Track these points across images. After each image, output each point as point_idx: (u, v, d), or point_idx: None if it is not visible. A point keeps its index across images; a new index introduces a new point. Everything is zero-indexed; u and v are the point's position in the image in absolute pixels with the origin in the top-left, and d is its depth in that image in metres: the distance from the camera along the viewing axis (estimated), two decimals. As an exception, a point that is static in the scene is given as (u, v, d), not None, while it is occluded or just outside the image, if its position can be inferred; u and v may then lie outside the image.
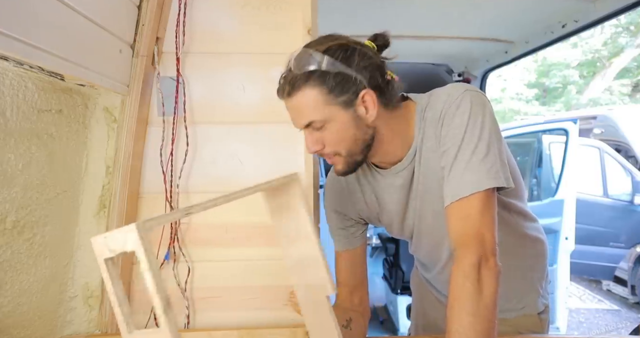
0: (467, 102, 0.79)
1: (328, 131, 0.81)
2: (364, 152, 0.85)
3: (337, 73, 0.76)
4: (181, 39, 1.13)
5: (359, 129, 0.81)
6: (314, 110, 0.79)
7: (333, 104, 0.78)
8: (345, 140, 0.82)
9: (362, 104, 0.80)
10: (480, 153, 0.76)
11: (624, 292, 4.15)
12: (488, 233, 0.74)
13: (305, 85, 0.77)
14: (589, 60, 10.18)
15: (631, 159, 4.48)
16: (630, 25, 8.93)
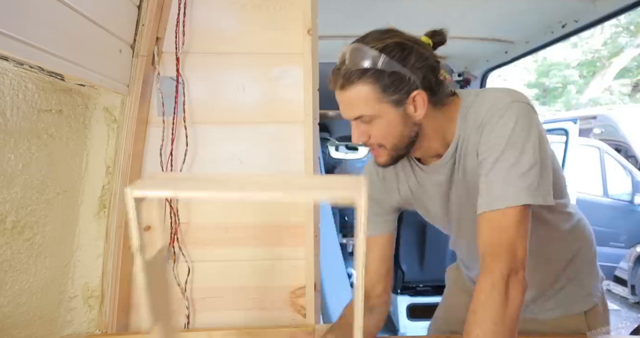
0: (513, 114, 0.78)
1: (376, 126, 0.83)
2: (407, 148, 0.87)
3: (392, 72, 0.77)
4: (181, 39, 1.13)
5: (405, 126, 0.83)
6: (365, 105, 0.80)
7: (384, 101, 0.79)
8: (391, 135, 0.84)
9: (412, 103, 0.81)
10: (521, 167, 0.75)
11: (624, 292, 4.15)
12: (520, 247, 0.74)
13: (359, 81, 0.78)
14: (589, 60, 10.18)
15: (631, 159, 4.48)
16: (630, 25, 8.93)
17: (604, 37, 9.52)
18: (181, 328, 1.14)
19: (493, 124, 0.79)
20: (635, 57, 9.30)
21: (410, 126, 0.84)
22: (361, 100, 0.80)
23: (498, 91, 0.84)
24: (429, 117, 0.84)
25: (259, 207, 1.17)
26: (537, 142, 0.77)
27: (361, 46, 0.78)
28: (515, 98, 0.80)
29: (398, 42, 0.78)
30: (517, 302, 0.72)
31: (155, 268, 0.68)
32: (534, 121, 0.79)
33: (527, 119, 0.78)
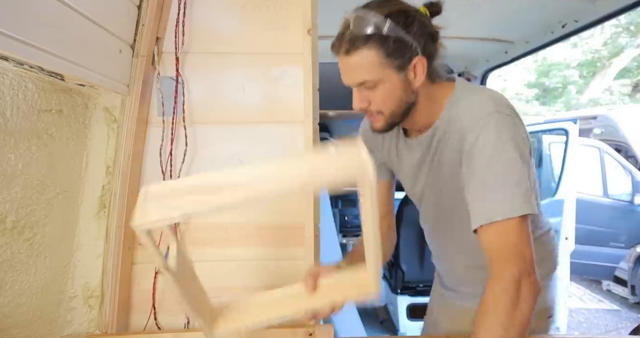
0: (493, 126, 0.79)
1: (378, 91, 0.85)
2: (403, 115, 0.90)
3: (396, 38, 0.80)
4: (181, 39, 1.13)
5: (405, 92, 0.86)
6: (370, 70, 0.82)
7: (388, 66, 0.82)
8: (391, 101, 0.86)
9: (413, 70, 0.84)
10: (512, 178, 0.76)
11: (624, 292, 4.15)
12: (527, 251, 0.74)
13: (364, 47, 0.80)
14: (589, 60, 10.18)
15: (631, 159, 4.48)
16: (630, 25, 8.93)
17: (604, 37, 9.52)
18: (181, 328, 1.14)
19: (477, 134, 0.80)
20: (636, 58, 9.30)
21: (409, 93, 0.87)
22: (365, 65, 0.82)
23: (482, 100, 0.85)
24: (424, 88, 0.88)
25: (259, 207, 1.17)
26: (519, 153, 0.78)
27: (366, 12, 0.80)
28: (497, 109, 0.81)
29: (401, 9, 0.81)
30: (529, 306, 0.71)
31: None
32: (516, 132, 0.80)
33: (508, 129, 0.79)
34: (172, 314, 1.14)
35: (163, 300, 1.14)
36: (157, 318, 1.13)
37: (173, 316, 1.14)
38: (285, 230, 1.16)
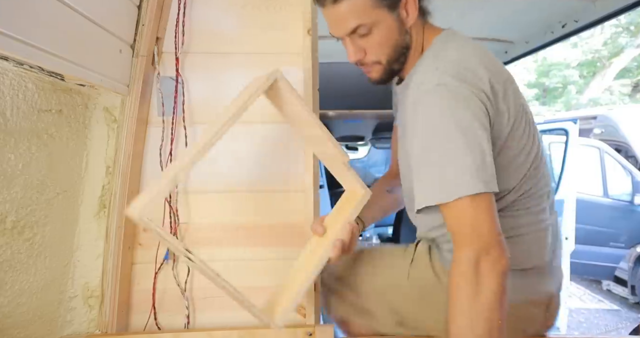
0: (432, 100, 0.75)
1: (373, 36, 0.83)
2: (400, 60, 0.87)
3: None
4: (181, 39, 1.13)
5: (400, 33, 0.84)
6: (362, 13, 0.80)
7: (380, 6, 0.80)
8: (388, 45, 0.84)
9: (405, 7, 0.82)
10: (453, 158, 0.72)
11: (624, 292, 4.15)
12: (485, 226, 0.70)
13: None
14: (589, 60, 10.18)
15: (631, 159, 4.48)
16: (630, 25, 8.93)
17: (604, 37, 9.52)
18: (181, 328, 1.14)
19: (416, 107, 0.78)
20: (636, 57, 9.30)
21: (403, 33, 0.85)
22: (357, 9, 0.79)
23: (443, 61, 0.81)
24: (416, 27, 0.87)
25: (259, 207, 1.17)
26: (465, 128, 0.73)
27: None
28: (440, 81, 0.76)
29: None
30: (492, 286, 0.66)
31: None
32: (463, 106, 0.74)
33: (452, 104, 0.74)
34: (172, 314, 1.14)
35: (163, 300, 1.14)
36: (157, 318, 1.13)
37: (173, 316, 1.14)
38: (285, 229, 1.16)
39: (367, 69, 0.89)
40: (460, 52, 0.83)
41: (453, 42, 0.86)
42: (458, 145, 0.72)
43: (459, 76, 0.77)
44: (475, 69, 0.79)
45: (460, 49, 0.84)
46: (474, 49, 0.84)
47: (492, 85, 0.78)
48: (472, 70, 0.78)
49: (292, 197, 1.15)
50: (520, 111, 0.84)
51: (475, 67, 0.79)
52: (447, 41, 0.86)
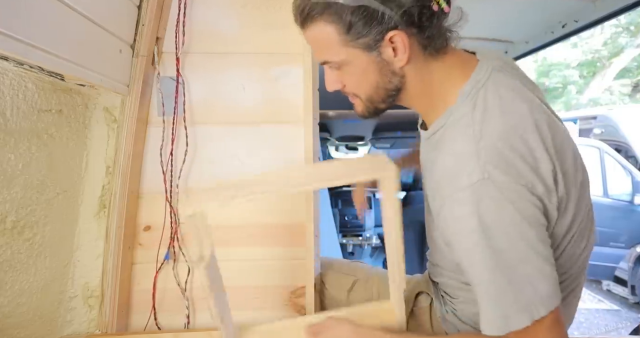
0: (470, 206, 0.60)
1: (346, 74, 0.70)
2: (386, 101, 0.73)
3: (358, 7, 0.61)
4: (181, 39, 1.13)
5: (382, 75, 0.69)
6: (329, 50, 0.67)
7: (351, 45, 0.65)
8: (364, 85, 0.71)
9: (390, 45, 0.65)
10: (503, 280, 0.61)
11: (624, 292, 4.15)
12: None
13: (320, 19, 0.65)
14: (589, 60, 10.18)
15: (631, 159, 4.48)
16: (630, 25, 8.93)
17: (604, 37, 9.51)
18: (181, 328, 1.14)
19: (451, 208, 0.63)
20: (636, 57, 9.30)
21: (388, 75, 0.69)
22: (324, 43, 0.67)
23: (472, 139, 0.62)
24: (415, 65, 0.68)
25: (259, 208, 1.17)
26: (513, 236, 0.60)
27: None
28: (486, 170, 0.59)
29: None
30: None
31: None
32: (508, 208, 0.60)
33: (493, 210, 0.60)
34: (172, 314, 1.14)
35: (163, 300, 1.14)
36: (157, 318, 1.13)
37: (173, 316, 1.14)
38: (286, 230, 1.16)
39: (351, 99, 0.77)
40: (508, 117, 0.63)
41: (496, 89, 0.66)
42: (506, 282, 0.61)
43: (508, 165, 0.60)
44: (531, 146, 0.62)
45: (508, 107, 0.64)
46: (528, 104, 0.65)
47: (554, 166, 0.64)
48: (525, 152, 0.61)
49: (292, 197, 1.15)
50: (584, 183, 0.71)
51: (532, 142, 0.62)
52: (488, 89, 0.66)
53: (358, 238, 3.62)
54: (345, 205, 3.68)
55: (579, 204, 0.69)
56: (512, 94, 0.66)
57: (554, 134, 0.65)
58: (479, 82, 0.67)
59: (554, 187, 0.63)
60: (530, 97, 0.68)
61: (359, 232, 3.65)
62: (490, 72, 0.68)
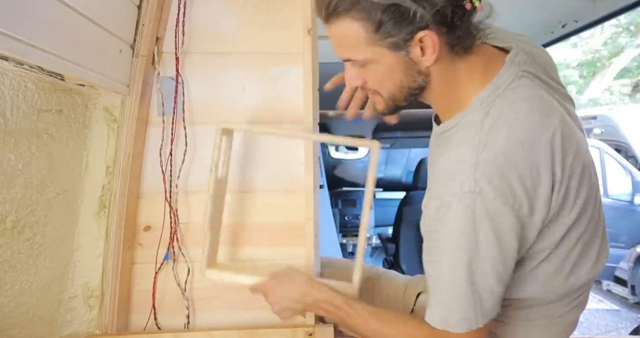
0: (452, 218, 0.63)
1: (370, 71, 0.69)
2: (407, 99, 0.72)
3: (390, 5, 0.59)
4: (180, 38, 1.13)
5: (407, 74, 0.67)
6: (355, 48, 0.65)
7: (379, 44, 0.63)
8: (388, 83, 0.69)
9: (419, 44, 0.63)
10: (458, 287, 0.65)
11: (624, 292, 4.15)
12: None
13: (347, 16, 0.62)
14: (589, 60, 10.18)
15: (631, 159, 4.48)
16: (630, 25, 8.93)
17: (604, 37, 9.51)
18: (181, 328, 1.14)
19: (434, 212, 0.65)
20: (636, 57, 9.30)
21: (413, 75, 0.67)
22: (350, 41, 0.65)
23: (476, 148, 0.62)
24: (441, 66, 0.66)
25: (259, 207, 1.17)
26: (473, 268, 0.63)
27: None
28: (478, 184, 0.60)
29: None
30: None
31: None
32: (487, 228, 0.61)
33: (473, 225, 0.61)
34: (172, 314, 1.14)
35: (163, 300, 1.14)
36: (157, 318, 1.13)
37: (173, 316, 1.14)
38: (285, 230, 1.16)
39: (370, 96, 0.77)
40: (517, 132, 0.62)
41: (513, 99, 0.65)
42: (457, 288, 0.65)
43: (503, 183, 0.61)
44: (534, 165, 0.62)
45: (520, 121, 0.63)
46: (545, 117, 0.64)
47: (553, 185, 0.63)
48: (525, 173, 0.61)
49: (292, 197, 1.15)
50: (588, 200, 0.69)
51: (536, 162, 0.62)
52: (505, 98, 0.65)
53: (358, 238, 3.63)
54: (345, 205, 3.69)
55: (579, 219, 0.68)
56: (529, 105, 0.65)
57: (566, 151, 0.64)
58: (498, 89, 0.66)
59: (543, 207, 0.64)
60: (550, 108, 0.66)
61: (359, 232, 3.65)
62: (513, 78, 0.67)
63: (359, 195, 3.74)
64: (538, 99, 0.66)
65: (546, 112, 0.65)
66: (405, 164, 4.34)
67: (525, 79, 0.67)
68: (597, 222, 0.74)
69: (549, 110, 0.66)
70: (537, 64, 0.72)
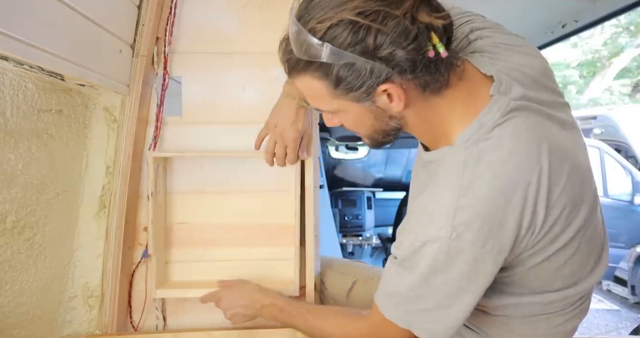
0: (429, 256, 0.62)
1: (341, 118, 0.70)
2: (388, 138, 0.72)
3: (344, 64, 0.58)
4: (169, 38, 1.12)
5: (378, 120, 0.67)
6: (321, 100, 0.66)
7: (342, 98, 0.63)
8: (361, 128, 0.70)
9: (384, 94, 0.61)
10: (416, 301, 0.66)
11: (624, 292, 4.15)
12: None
13: (305, 74, 0.62)
14: (589, 60, 10.18)
15: (631, 159, 4.48)
16: (630, 25, 8.93)
17: (604, 37, 9.51)
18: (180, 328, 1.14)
19: (412, 240, 0.64)
20: (636, 57, 9.30)
21: (385, 120, 0.67)
22: (314, 94, 0.65)
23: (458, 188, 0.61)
24: (415, 107, 0.64)
25: (258, 207, 1.17)
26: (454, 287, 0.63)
27: (301, 30, 0.58)
28: (455, 229, 0.59)
29: (351, 21, 0.55)
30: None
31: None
32: (458, 266, 0.61)
33: (448, 263, 0.62)
34: (171, 314, 1.14)
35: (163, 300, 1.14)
36: (157, 318, 1.13)
37: (173, 316, 1.14)
38: (285, 230, 1.16)
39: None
40: (500, 178, 0.60)
41: (499, 139, 0.62)
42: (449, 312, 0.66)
43: (481, 230, 0.60)
44: (517, 209, 0.60)
45: (505, 164, 0.61)
46: (533, 154, 0.61)
47: (536, 226, 0.62)
48: (506, 219, 0.60)
49: (292, 197, 1.15)
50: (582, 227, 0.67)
51: (519, 206, 0.60)
52: (492, 137, 0.62)
53: (358, 238, 3.63)
54: (345, 205, 3.69)
55: (571, 243, 0.67)
56: (515, 145, 0.62)
57: (553, 186, 0.62)
58: (483, 126, 0.63)
59: (526, 241, 0.63)
60: (540, 139, 0.63)
61: (359, 232, 3.65)
62: (501, 113, 0.63)
63: (359, 195, 3.74)
64: (525, 133, 0.63)
65: (534, 148, 0.62)
66: (405, 164, 4.34)
67: (514, 112, 0.63)
68: (593, 235, 0.71)
69: (538, 144, 0.62)
70: (528, 78, 0.68)
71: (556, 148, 0.64)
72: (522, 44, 0.74)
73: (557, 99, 0.72)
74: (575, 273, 0.72)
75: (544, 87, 0.70)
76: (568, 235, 0.65)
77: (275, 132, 1.02)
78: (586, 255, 0.71)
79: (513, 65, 0.68)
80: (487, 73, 0.67)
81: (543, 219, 0.62)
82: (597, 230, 0.73)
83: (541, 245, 0.64)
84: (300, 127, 1.01)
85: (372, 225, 3.73)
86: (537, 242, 0.64)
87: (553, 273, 0.69)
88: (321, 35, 0.57)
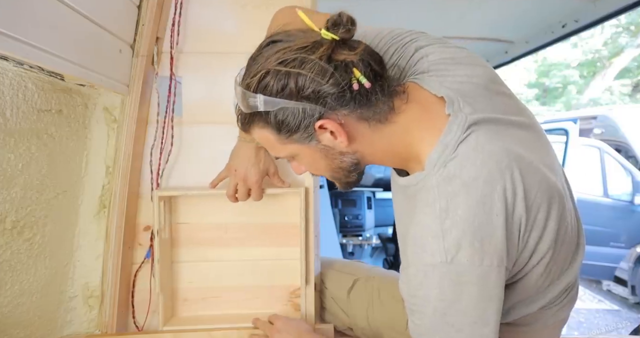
0: (434, 284, 0.61)
1: (299, 162, 0.74)
2: (351, 175, 0.73)
3: (279, 110, 0.63)
4: (175, 38, 1.12)
5: (330, 159, 0.70)
6: (274, 148, 0.71)
7: (288, 142, 0.67)
8: (319, 170, 0.74)
9: (325, 131, 0.65)
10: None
11: (624, 292, 4.15)
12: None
13: (253, 125, 0.68)
14: (589, 60, 10.18)
15: (631, 159, 4.48)
16: (630, 25, 8.93)
17: (604, 37, 9.51)
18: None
19: (415, 273, 0.63)
20: (636, 57, 9.30)
21: (337, 158, 0.69)
22: (267, 143, 0.70)
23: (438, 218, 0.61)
24: (363, 139, 0.67)
25: (259, 207, 1.17)
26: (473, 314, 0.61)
27: (238, 88, 0.66)
28: (451, 254, 0.59)
29: (271, 71, 0.62)
30: None
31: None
32: (466, 289, 0.60)
33: (454, 289, 0.61)
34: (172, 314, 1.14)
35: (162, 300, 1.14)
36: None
37: (173, 316, 1.14)
38: (285, 230, 1.16)
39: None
40: (474, 191, 0.61)
41: (465, 156, 0.62)
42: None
43: (473, 247, 0.59)
44: (500, 219, 0.60)
45: (475, 177, 0.61)
46: (501, 161, 0.62)
47: (520, 228, 0.63)
48: (493, 230, 0.60)
49: (292, 197, 1.15)
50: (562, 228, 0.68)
51: (501, 216, 0.60)
52: (458, 154, 0.63)
53: (358, 238, 3.63)
54: (345, 205, 3.69)
55: (556, 237, 0.66)
56: (481, 159, 0.62)
57: (529, 186, 0.62)
58: (447, 148, 0.64)
59: (520, 244, 0.63)
60: (505, 144, 0.64)
61: (359, 232, 3.65)
62: (462, 131, 0.64)
63: (359, 195, 3.74)
64: (488, 143, 0.63)
65: (500, 156, 0.62)
66: (405, 164, 4.34)
67: (473, 126, 0.64)
68: (570, 224, 0.71)
69: (503, 151, 0.63)
70: (479, 87, 0.69)
71: (521, 152, 0.64)
72: (467, 55, 0.74)
73: (512, 102, 0.71)
74: (560, 267, 0.72)
75: (497, 92, 0.70)
76: (550, 229, 0.65)
77: (237, 176, 1.01)
78: (568, 245, 0.71)
79: (462, 79, 0.69)
80: (438, 94, 0.67)
81: (526, 219, 0.63)
82: (572, 219, 0.73)
83: (531, 245, 0.65)
84: (262, 166, 1.01)
85: (372, 225, 3.73)
86: (526, 243, 0.64)
87: (543, 271, 0.69)
88: (254, 88, 0.63)
